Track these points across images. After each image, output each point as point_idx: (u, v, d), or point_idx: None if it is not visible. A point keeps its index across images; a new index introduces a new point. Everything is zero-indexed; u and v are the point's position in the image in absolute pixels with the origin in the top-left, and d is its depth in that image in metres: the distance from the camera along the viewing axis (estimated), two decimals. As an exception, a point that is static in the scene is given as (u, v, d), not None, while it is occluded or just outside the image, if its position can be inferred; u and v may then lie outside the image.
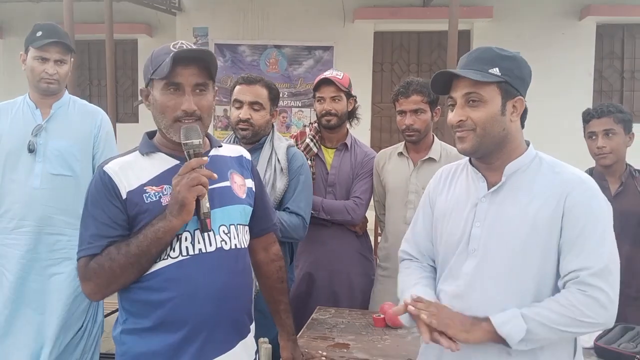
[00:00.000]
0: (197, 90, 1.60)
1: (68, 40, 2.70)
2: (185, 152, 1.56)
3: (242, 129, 2.49)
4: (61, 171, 2.65)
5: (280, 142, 2.59)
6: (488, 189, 1.62)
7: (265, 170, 2.48)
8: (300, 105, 8.72)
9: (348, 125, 3.07)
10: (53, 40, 2.62)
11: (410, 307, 1.56)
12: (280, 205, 2.53)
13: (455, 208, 1.69)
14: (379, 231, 3.43)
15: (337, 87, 2.91)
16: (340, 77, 2.94)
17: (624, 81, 8.53)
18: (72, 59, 2.77)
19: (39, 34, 2.63)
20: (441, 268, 1.73)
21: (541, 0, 8.16)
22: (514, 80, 1.57)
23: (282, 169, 2.50)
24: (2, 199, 2.65)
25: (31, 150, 2.62)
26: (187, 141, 1.55)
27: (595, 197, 1.53)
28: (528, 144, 1.65)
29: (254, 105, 2.49)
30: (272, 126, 2.62)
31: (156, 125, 1.65)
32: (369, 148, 3.14)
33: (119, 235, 1.55)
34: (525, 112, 1.62)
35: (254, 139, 2.52)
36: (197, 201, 1.53)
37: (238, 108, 2.51)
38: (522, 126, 1.65)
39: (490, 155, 1.61)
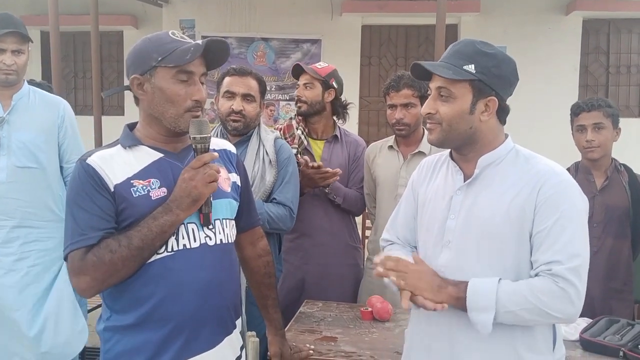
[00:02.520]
0: (201, 82, 1.59)
1: (24, 30, 2.65)
2: (193, 146, 1.55)
3: (234, 121, 2.47)
4: (26, 163, 2.62)
5: (267, 134, 2.58)
6: (464, 182, 1.62)
7: (254, 163, 2.47)
8: (287, 98, 8.70)
9: (339, 122, 3.06)
10: (9, 30, 2.57)
11: (379, 269, 1.60)
12: (270, 197, 2.53)
13: (433, 199, 1.70)
14: (369, 224, 3.44)
15: (310, 75, 2.91)
16: (320, 67, 2.94)
17: (609, 76, 8.61)
18: (29, 49, 2.71)
19: None
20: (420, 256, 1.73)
21: (528, -5, 8.20)
22: (489, 79, 1.53)
23: (270, 162, 2.50)
24: None
25: None
26: (199, 135, 1.54)
27: (569, 190, 1.52)
28: (506, 137, 1.64)
29: (247, 97, 2.48)
30: (259, 119, 2.61)
31: (153, 114, 1.58)
32: (358, 137, 3.16)
33: (111, 227, 1.51)
34: (503, 110, 1.59)
35: (244, 131, 2.51)
36: None
37: (229, 99, 2.49)
38: (504, 122, 1.63)
39: (461, 148, 1.62)
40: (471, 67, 1.52)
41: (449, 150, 1.72)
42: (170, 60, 1.52)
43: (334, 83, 2.95)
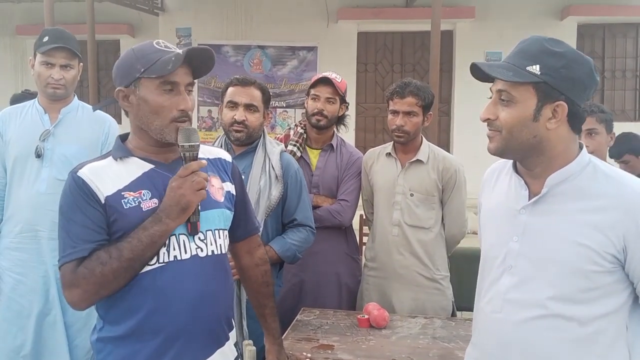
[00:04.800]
0: (187, 91, 1.58)
1: (75, 45, 2.69)
2: (181, 154, 1.54)
3: (237, 131, 2.45)
4: (67, 176, 2.63)
5: (273, 147, 2.56)
6: (529, 199, 1.45)
7: (260, 177, 2.46)
8: (284, 105, 8.71)
9: (335, 129, 3.06)
10: (58, 45, 2.61)
11: None
12: (275, 211, 2.52)
13: (494, 216, 1.57)
14: (367, 230, 3.42)
15: (335, 90, 2.90)
16: (339, 81, 2.93)
17: (605, 80, 8.64)
18: (80, 64, 2.75)
19: (46, 39, 2.62)
20: (481, 278, 1.61)
21: (522, 1, 8.23)
22: (557, 82, 1.36)
23: (277, 177, 2.48)
24: (9, 204, 2.64)
25: (38, 155, 2.60)
26: (188, 143, 1.53)
27: None
28: (581, 148, 1.45)
29: (250, 107, 2.46)
30: (263, 129, 2.60)
31: (140, 126, 1.58)
32: (355, 149, 3.11)
33: (103, 239, 1.51)
34: (575, 116, 1.40)
35: (247, 142, 2.50)
36: None
37: (232, 109, 2.48)
38: (578, 131, 1.44)
39: (524, 161, 1.46)
40: (535, 68, 1.36)
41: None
42: (153, 71, 1.51)
43: (346, 98, 2.98)
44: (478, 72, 1.45)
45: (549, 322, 1.38)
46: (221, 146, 2.54)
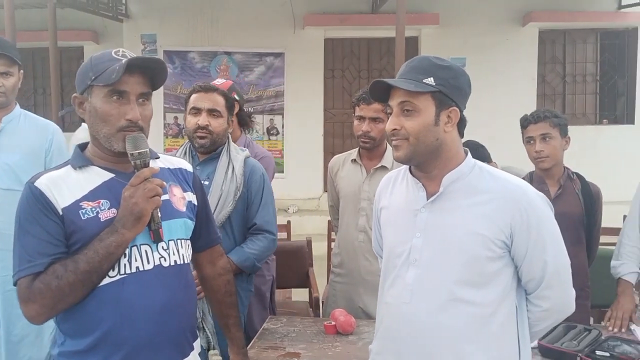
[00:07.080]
0: (141, 100, 1.56)
1: (14, 52, 2.64)
2: (132, 162, 1.52)
3: (201, 137, 2.45)
4: (11, 186, 2.57)
5: (237, 154, 2.55)
6: (427, 199, 1.62)
7: (223, 183, 2.45)
8: (252, 111, 8.68)
9: (248, 135, 3.05)
10: None
11: None
12: (243, 215, 2.50)
13: (396, 217, 1.71)
14: (334, 236, 3.42)
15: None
16: (219, 83, 2.82)
17: (565, 85, 8.84)
18: (20, 71, 2.71)
19: None
20: (384, 276, 1.74)
21: (485, 7, 8.38)
22: (449, 90, 1.56)
23: (240, 183, 2.47)
24: None
25: None
26: (136, 151, 1.51)
27: (540, 206, 1.57)
28: (467, 153, 1.65)
29: (213, 112, 2.47)
30: (228, 136, 2.59)
31: (92, 134, 1.58)
32: (259, 149, 3.08)
33: (60, 252, 1.48)
34: (462, 121, 1.62)
35: (212, 148, 2.49)
36: None
37: (195, 115, 2.47)
38: (462, 135, 1.65)
39: (425, 164, 1.62)
40: (430, 80, 1.55)
41: (407, 165, 1.72)
42: (101, 80, 1.51)
43: (235, 96, 2.92)
44: (376, 91, 1.63)
45: (455, 306, 1.55)
46: (185, 153, 2.54)
